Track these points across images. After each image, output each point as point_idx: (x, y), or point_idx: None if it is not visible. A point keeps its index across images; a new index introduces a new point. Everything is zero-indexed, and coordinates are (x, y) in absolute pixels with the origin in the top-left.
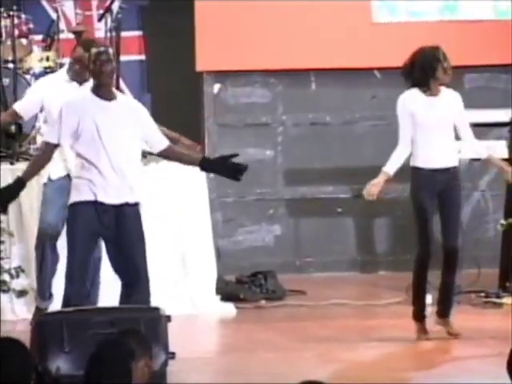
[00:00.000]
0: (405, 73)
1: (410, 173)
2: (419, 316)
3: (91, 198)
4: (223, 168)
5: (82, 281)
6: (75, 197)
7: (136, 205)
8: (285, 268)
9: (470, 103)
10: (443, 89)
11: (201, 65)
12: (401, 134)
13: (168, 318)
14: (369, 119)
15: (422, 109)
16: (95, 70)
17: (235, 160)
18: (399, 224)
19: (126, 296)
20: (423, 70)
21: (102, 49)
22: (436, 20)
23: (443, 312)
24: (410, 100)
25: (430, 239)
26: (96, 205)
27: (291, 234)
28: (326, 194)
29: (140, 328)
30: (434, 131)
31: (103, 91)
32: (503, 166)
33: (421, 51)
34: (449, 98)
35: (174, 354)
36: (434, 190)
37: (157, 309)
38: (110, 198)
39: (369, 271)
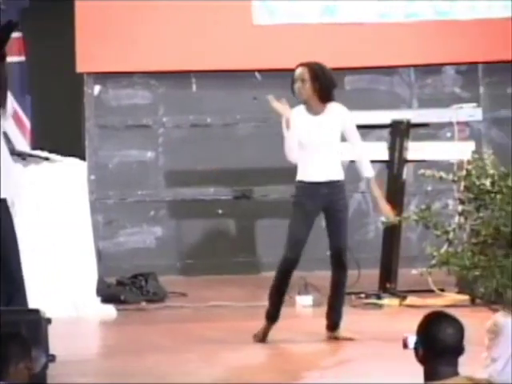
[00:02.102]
0: None
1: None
2: (267, 314)
3: None
4: None
5: None
6: None
7: (4, 201)
8: (166, 270)
9: (350, 105)
10: (330, 105)
11: (81, 66)
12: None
13: (48, 321)
14: (250, 121)
15: (304, 128)
16: None
17: None
18: (281, 225)
19: (6, 302)
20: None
21: None
22: (316, 22)
23: (330, 324)
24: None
25: (299, 244)
26: None
27: (172, 236)
28: (208, 195)
29: (20, 330)
30: (316, 150)
31: None
32: (381, 203)
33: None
34: (333, 116)
35: (54, 356)
36: (317, 203)
37: (37, 311)
38: None
39: (251, 272)
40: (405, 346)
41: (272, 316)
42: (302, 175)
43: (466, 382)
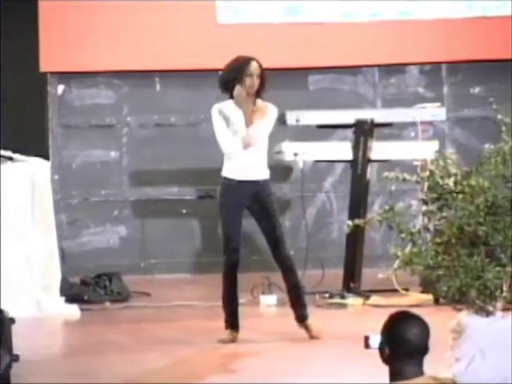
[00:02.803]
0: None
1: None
2: (227, 323)
3: None
4: None
5: None
6: None
7: None
8: (130, 269)
9: (314, 105)
10: (259, 102)
11: (45, 66)
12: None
13: (12, 320)
14: None
15: (240, 123)
16: None
17: None
18: (244, 224)
19: None
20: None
21: None
22: (280, 22)
23: (298, 316)
24: (222, 109)
25: (233, 246)
26: None
27: (136, 236)
28: (171, 195)
29: None
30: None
31: None
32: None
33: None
34: (261, 113)
35: (18, 356)
36: (242, 201)
37: (0, 311)
38: None
39: (214, 272)
40: (366, 345)
41: (232, 324)
42: (227, 171)
43: (432, 381)
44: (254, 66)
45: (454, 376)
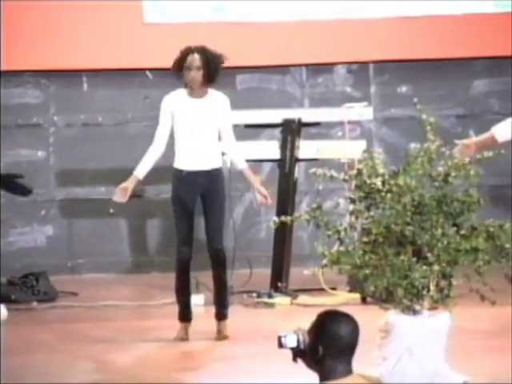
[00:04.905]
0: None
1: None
2: (181, 316)
3: None
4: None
5: None
6: None
7: None
8: (57, 269)
9: (242, 104)
10: (211, 91)
11: None
12: (157, 132)
13: None
14: (141, 120)
15: (182, 110)
16: None
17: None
18: (172, 224)
19: None
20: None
21: None
22: (207, 21)
23: (218, 315)
24: (172, 100)
25: (186, 240)
26: None
27: (63, 235)
28: (99, 194)
29: None
30: (194, 133)
31: None
32: (255, 185)
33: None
34: (214, 101)
35: None
36: (195, 192)
37: None
38: None
39: (142, 272)
40: (280, 345)
41: (184, 316)
42: (179, 163)
43: (361, 380)
44: (191, 59)
45: (381, 375)
